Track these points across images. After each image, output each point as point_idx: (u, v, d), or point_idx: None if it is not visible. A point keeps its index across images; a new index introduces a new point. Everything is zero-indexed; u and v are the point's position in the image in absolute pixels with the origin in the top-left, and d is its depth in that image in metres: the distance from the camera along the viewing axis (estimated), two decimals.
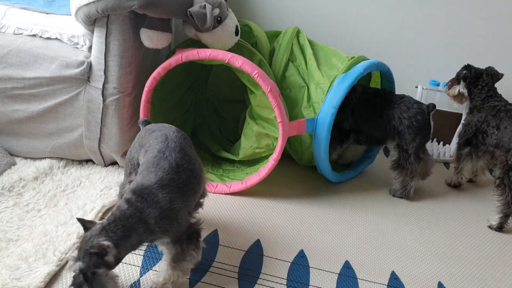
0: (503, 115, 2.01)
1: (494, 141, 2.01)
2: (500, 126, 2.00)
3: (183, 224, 1.33)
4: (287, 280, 1.52)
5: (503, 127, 1.99)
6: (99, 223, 1.22)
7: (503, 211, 1.93)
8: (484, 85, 2.11)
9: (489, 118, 2.05)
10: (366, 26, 2.61)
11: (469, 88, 2.16)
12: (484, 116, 2.08)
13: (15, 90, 1.86)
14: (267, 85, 1.78)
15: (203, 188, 1.49)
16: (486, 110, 2.08)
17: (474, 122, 2.11)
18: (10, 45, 1.84)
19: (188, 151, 1.41)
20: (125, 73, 1.84)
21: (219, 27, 1.86)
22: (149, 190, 1.26)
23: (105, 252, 1.16)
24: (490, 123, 2.04)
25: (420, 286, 1.56)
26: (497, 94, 2.12)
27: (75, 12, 1.77)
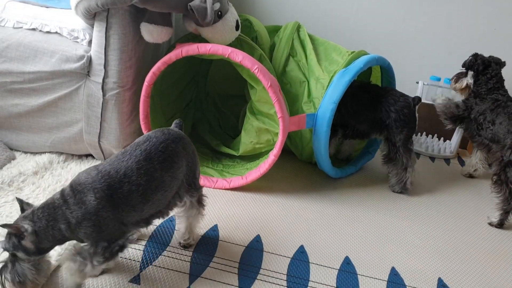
0: (500, 111, 2.03)
1: (489, 135, 2.05)
2: (495, 121, 2.03)
3: (110, 234, 1.21)
4: (287, 275, 1.52)
5: (498, 123, 2.01)
6: (34, 206, 1.20)
7: (502, 207, 1.94)
8: (494, 74, 2.14)
9: (487, 112, 2.07)
10: (367, 21, 2.60)
11: (477, 77, 2.18)
12: (483, 108, 2.10)
13: (15, 84, 1.86)
14: (267, 80, 1.78)
15: (172, 203, 1.38)
16: (487, 102, 2.11)
17: (474, 110, 2.14)
18: (9, 39, 1.83)
19: (158, 165, 1.27)
20: (125, 68, 1.83)
21: (219, 21, 1.85)
22: (82, 187, 1.18)
23: (22, 235, 1.14)
24: (487, 117, 2.07)
25: (420, 282, 1.56)
26: (503, 87, 2.14)
27: (75, 6, 1.76)
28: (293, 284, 1.48)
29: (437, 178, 2.35)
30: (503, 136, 1.98)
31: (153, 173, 1.26)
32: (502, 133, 1.98)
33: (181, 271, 1.47)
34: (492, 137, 2.03)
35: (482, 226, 1.95)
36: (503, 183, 1.93)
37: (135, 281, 1.40)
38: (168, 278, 1.43)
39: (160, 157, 1.28)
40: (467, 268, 1.66)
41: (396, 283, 1.55)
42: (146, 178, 1.24)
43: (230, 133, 2.46)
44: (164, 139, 1.32)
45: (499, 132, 2.00)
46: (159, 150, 1.29)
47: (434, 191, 2.20)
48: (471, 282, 1.60)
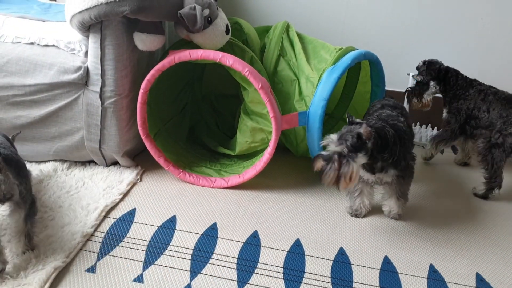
0: (492, 98, 2.10)
1: (486, 123, 2.11)
2: (489, 109, 2.09)
3: None
4: (284, 268, 1.59)
5: (492, 109, 2.08)
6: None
7: (488, 183, 2.08)
8: (456, 73, 2.22)
9: (479, 103, 2.13)
10: (357, 17, 2.65)
11: (443, 83, 2.24)
12: (474, 102, 2.15)
13: (17, 97, 1.94)
14: (258, 82, 1.84)
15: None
16: (473, 96, 2.15)
17: (464, 110, 2.18)
18: (9, 54, 1.91)
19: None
20: (121, 76, 1.90)
21: (209, 27, 1.92)
22: None
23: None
24: (481, 107, 2.12)
25: (412, 269, 1.63)
26: (473, 79, 2.21)
27: (69, 19, 1.83)
28: (290, 276, 1.55)
29: (430, 167, 2.41)
30: (496, 122, 2.06)
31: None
32: (495, 118, 2.06)
33: (182, 269, 1.54)
34: (488, 124, 2.10)
35: (473, 212, 2.01)
36: (489, 163, 2.05)
37: (138, 280, 1.48)
38: (170, 276, 1.51)
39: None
40: (458, 254, 1.73)
41: (388, 271, 1.62)
42: None
43: (228, 133, 2.53)
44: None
45: (493, 118, 2.07)
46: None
47: (426, 180, 2.25)
48: (462, 267, 1.66)
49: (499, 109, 2.06)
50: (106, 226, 1.73)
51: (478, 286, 1.57)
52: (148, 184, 2.04)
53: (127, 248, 1.62)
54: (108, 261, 1.55)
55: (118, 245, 1.63)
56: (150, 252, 1.61)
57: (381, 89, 2.29)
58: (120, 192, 1.91)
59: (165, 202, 1.91)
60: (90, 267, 1.51)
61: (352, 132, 1.56)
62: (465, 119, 2.18)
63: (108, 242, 1.64)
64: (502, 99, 2.09)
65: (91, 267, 1.51)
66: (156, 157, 2.05)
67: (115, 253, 1.59)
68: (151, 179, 2.07)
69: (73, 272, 1.49)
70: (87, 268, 1.51)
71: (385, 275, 1.60)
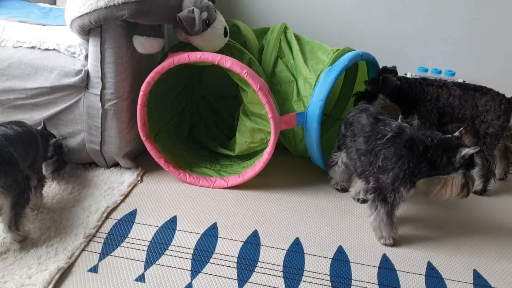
0: (460, 92, 2.10)
1: (459, 116, 2.11)
2: (462, 102, 2.09)
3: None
4: (283, 266, 1.62)
5: (464, 101, 2.09)
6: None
7: (485, 175, 2.11)
8: (409, 85, 2.16)
9: (451, 99, 2.11)
10: (354, 17, 2.67)
11: (397, 98, 2.18)
12: (443, 100, 2.12)
13: (18, 101, 1.96)
14: (256, 84, 1.87)
15: None
16: (440, 95, 2.12)
17: (435, 110, 2.14)
18: (10, 58, 1.93)
19: None
20: (121, 79, 1.93)
21: (208, 29, 1.94)
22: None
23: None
24: (452, 102, 2.11)
25: (410, 266, 1.65)
26: (421, 78, 2.20)
27: (70, 23, 1.86)
28: (289, 275, 1.58)
29: None
30: (470, 112, 2.08)
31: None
32: (469, 109, 2.08)
33: (183, 268, 1.57)
34: (461, 117, 2.11)
35: (469, 209, 2.03)
36: (484, 152, 2.07)
37: (140, 279, 1.50)
38: (171, 275, 1.53)
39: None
40: (455, 252, 1.75)
41: (387, 269, 1.64)
42: None
43: (227, 133, 2.55)
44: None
45: (466, 110, 2.08)
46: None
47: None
48: (459, 264, 1.68)
49: (471, 100, 2.08)
50: (108, 227, 1.75)
51: (475, 282, 1.60)
52: (148, 185, 2.06)
53: (128, 248, 1.64)
54: (110, 261, 1.57)
55: (120, 245, 1.65)
56: (151, 252, 1.63)
57: None
58: (121, 193, 1.94)
59: (166, 203, 1.94)
60: (92, 267, 1.53)
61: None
62: (438, 118, 2.16)
63: (110, 243, 1.66)
64: (471, 90, 2.10)
65: (93, 267, 1.54)
66: (156, 158, 2.07)
67: (117, 253, 1.61)
68: (152, 180, 2.09)
69: (75, 272, 1.51)
70: (89, 268, 1.53)
71: (384, 272, 1.62)
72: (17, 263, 1.51)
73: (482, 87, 2.11)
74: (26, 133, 1.70)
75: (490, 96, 2.07)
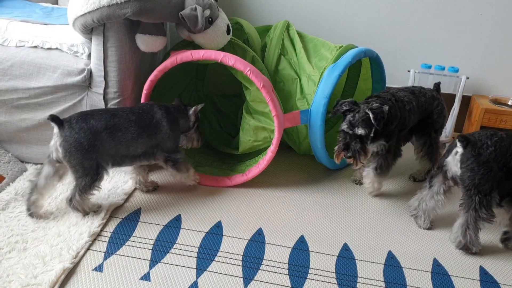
0: (411, 97, 1.98)
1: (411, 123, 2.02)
2: (415, 110, 1.98)
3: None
4: (288, 264, 1.61)
5: (418, 107, 1.99)
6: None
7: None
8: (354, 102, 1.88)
9: (405, 113, 1.93)
10: (356, 14, 2.67)
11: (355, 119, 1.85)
12: (400, 114, 1.90)
13: (21, 100, 1.96)
14: (259, 81, 1.86)
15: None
16: (396, 109, 1.87)
17: (395, 126, 1.91)
18: (13, 58, 1.93)
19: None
20: (124, 77, 1.92)
21: (210, 27, 1.93)
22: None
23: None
24: (411, 116, 1.96)
25: (416, 263, 1.65)
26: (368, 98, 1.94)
27: (72, 22, 1.85)
28: (295, 272, 1.57)
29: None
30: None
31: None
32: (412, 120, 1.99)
33: (188, 266, 1.56)
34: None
35: None
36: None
37: (145, 278, 1.50)
38: (176, 273, 1.53)
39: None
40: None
41: (393, 266, 1.63)
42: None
43: (231, 132, 2.55)
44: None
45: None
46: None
47: None
48: (464, 261, 1.68)
49: (422, 104, 2.01)
50: (113, 225, 1.75)
51: (482, 279, 1.59)
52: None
53: (133, 247, 1.64)
54: (115, 260, 1.57)
55: (125, 244, 1.65)
56: (156, 251, 1.63)
57: (381, 86, 2.31)
58: (125, 192, 1.93)
59: (170, 202, 1.93)
60: (97, 266, 1.53)
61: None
62: (399, 131, 1.97)
63: (115, 242, 1.66)
64: (417, 94, 2.01)
65: (98, 266, 1.53)
66: None
67: (121, 252, 1.61)
68: (156, 179, 2.09)
69: (80, 271, 1.51)
70: (94, 267, 1.53)
71: (389, 269, 1.61)
72: (21, 262, 1.50)
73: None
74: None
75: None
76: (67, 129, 1.64)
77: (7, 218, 1.73)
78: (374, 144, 1.87)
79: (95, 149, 1.67)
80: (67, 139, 1.64)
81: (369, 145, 1.85)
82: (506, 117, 2.54)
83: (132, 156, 1.79)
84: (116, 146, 1.73)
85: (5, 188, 1.90)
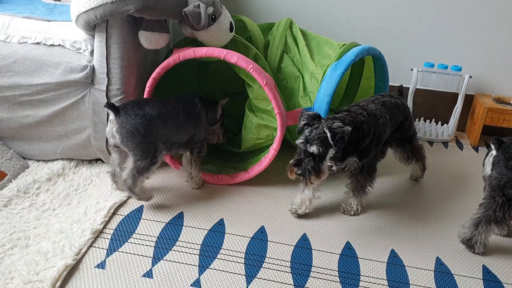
0: (383, 109, 1.87)
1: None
2: (389, 123, 1.89)
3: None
4: (291, 262, 1.61)
5: (390, 119, 1.89)
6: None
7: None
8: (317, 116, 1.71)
9: (379, 128, 1.82)
10: (359, 12, 2.66)
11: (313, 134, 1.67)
12: (374, 129, 1.79)
13: (24, 97, 1.95)
14: (262, 79, 1.85)
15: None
16: (369, 123, 1.76)
17: (371, 144, 1.81)
18: (16, 54, 1.92)
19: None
20: (126, 74, 1.92)
21: (214, 24, 1.93)
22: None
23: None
24: (385, 129, 1.87)
25: (419, 261, 1.64)
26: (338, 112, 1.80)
27: (75, 19, 1.85)
28: (297, 270, 1.57)
29: (436, 161, 2.42)
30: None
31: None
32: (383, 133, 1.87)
33: (191, 264, 1.56)
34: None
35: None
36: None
37: (148, 275, 1.50)
38: (178, 271, 1.53)
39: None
40: (463, 247, 1.74)
41: (395, 264, 1.63)
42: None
43: (233, 130, 2.54)
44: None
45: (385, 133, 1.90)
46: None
47: (433, 175, 2.26)
48: (468, 260, 1.67)
49: (394, 116, 1.92)
50: (115, 222, 1.74)
51: (485, 278, 1.59)
52: (155, 181, 2.06)
53: (136, 244, 1.64)
54: (117, 257, 1.56)
55: (127, 241, 1.65)
56: (159, 248, 1.63)
57: (384, 84, 2.30)
58: None
59: (172, 199, 1.93)
60: (99, 263, 1.53)
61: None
62: (376, 146, 1.85)
63: (117, 239, 1.66)
64: (388, 107, 1.90)
65: (100, 263, 1.53)
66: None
67: (124, 249, 1.61)
68: (158, 177, 2.09)
69: (83, 268, 1.50)
70: (96, 264, 1.53)
71: (392, 268, 1.61)
72: (24, 259, 1.50)
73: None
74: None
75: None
76: (123, 115, 1.72)
77: (9, 214, 1.73)
78: (344, 162, 1.75)
79: (151, 134, 1.75)
80: (123, 125, 1.71)
81: (323, 165, 1.65)
82: (509, 116, 2.54)
83: (179, 143, 1.90)
84: (168, 133, 1.82)
85: (7, 184, 1.90)
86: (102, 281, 1.46)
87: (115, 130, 1.72)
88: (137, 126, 1.72)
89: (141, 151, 1.74)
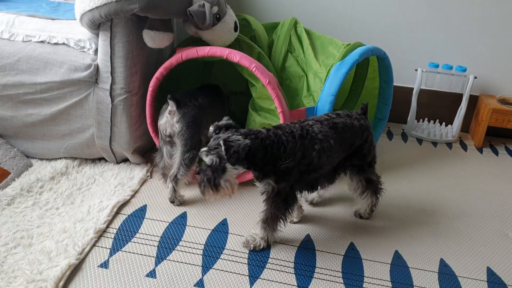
0: (326, 129, 1.63)
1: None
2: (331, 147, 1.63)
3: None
4: (295, 263, 1.60)
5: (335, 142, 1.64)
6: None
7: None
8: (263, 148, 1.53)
9: (312, 154, 1.58)
10: (364, 12, 2.65)
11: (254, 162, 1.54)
12: (303, 153, 1.57)
13: (28, 95, 1.95)
14: (265, 78, 1.85)
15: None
16: (295, 145, 1.55)
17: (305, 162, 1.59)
18: (20, 52, 1.92)
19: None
20: (130, 74, 1.92)
21: (218, 24, 1.92)
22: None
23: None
24: (316, 154, 1.59)
25: (423, 263, 1.64)
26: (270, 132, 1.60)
27: (79, 17, 1.85)
28: (301, 271, 1.56)
29: (440, 162, 2.41)
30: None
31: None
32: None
33: (194, 264, 1.55)
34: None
35: (482, 207, 2.01)
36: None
37: (151, 275, 1.49)
38: (182, 271, 1.52)
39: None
40: (468, 248, 1.73)
41: (399, 266, 1.62)
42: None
43: None
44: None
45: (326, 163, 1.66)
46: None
47: (437, 176, 2.26)
48: (472, 261, 1.66)
49: (346, 141, 1.69)
50: (118, 222, 1.74)
51: (489, 280, 1.58)
52: (158, 180, 2.05)
53: (139, 243, 1.64)
54: (120, 257, 1.56)
55: (130, 240, 1.65)
56: (162, 248, 1.62)
57: (389, 85, 2.29)
58: (131, 188, 1.93)
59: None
60: (103, 263, 1.53)
61: None
62: (305, 172, 1.62)
63: (121, 238, 1.65)
64: (340, 130, 1.66)
65: (103, 263, 1.53)
66: None
67: (127, 248, 1.60)
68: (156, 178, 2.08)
69: (86, 268, 1.50)
70: (100, 263, 1.52)
71: (396, 269, 1.60)
72: (27, 258, 1.50)
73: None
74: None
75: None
76: (184, 106, 1.82)
77: (13, 213, 1.73)
78: (261, 182, 1.59)
79: (202, 125, 1.85)
80: (185, 116, 1.81)
81: (222, 179, 1.49)
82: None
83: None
84: (213, 121, 1.75)
85: (11, 183, 1.90)
86: (105, 280, 1.46)
87: (176, 120, 1.81)
88: (196, 117, 1.83)
89: (191, 142, 1.83)
